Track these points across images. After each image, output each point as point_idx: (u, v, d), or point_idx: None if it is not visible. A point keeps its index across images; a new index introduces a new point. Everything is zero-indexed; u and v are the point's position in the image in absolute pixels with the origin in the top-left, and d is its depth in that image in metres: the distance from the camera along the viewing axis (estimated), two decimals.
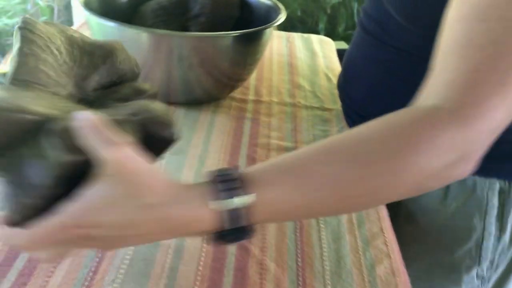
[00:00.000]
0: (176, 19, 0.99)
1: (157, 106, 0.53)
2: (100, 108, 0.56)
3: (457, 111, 0.44)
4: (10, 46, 2.25)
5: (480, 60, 0.45)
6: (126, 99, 0.58)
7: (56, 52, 0.58)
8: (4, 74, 0.63)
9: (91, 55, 0.60)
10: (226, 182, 0.43)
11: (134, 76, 0.63)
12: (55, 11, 2.61)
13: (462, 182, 0.74)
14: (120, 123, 0.49)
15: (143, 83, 0.61)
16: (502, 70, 0.44)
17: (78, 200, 0.41)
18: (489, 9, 0.45)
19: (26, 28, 0.58)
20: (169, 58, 0.84)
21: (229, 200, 0.42)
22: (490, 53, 0.44)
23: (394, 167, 0.44)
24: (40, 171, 0.45)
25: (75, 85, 0.58)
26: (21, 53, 0.57)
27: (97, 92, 0.59)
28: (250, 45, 0.88)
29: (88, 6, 0.87)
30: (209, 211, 0.42)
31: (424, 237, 0.81)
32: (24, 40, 0.58)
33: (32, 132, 0.49)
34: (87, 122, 0.43)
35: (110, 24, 0.82)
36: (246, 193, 0.42)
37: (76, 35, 0.62)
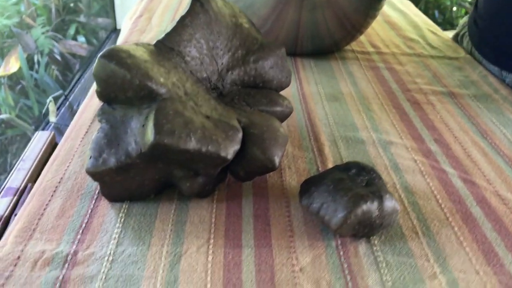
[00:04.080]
0: None
1: (276, 132, 0.48)
2: (226, 103, 0.51)
3: None
4: (8, 48, 2.15)
5: None
6: (256, 105, 0.52)
7: (215, 33, 0.53)
8: (4, 77, 0.59)
9: (247, 50, 0.54)
10: None
11: (280, 86, 0.57)
12: (53, 11, 2.50)
13: None
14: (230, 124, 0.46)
15: (283, 97, 0.55)
16: None
17: None
18: None
19: (199, 1, 0.52)
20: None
21: None
22: None
23: None
24: (134, 142, 0.44)
25: (217, 72, 0.52)
26: (182, 23, 0.51)
27: (234, 87, 0.54)
28: None
29: None
30: None
31: None
32: (191, 12, 0.52)
33: (147, 99, 0.45)
34: None
35: None
36: None
37: (246, 25, 0.56)
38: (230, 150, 0.45)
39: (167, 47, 0.50)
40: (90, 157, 0.45)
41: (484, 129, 0.66)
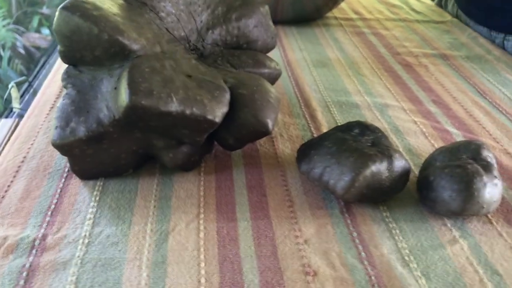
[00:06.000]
0: None
1: (268, 93, 0.42)
2: (209, 65, 0.45)
3: None
4: None
5: None
6: (242, 67, 0.47)
7: None
8: None
9: (228, 7, 0.49)
10: None
11: (265, 48, 0.51)
12: (13, 3, 2.37)
13: None
14: (215, 83, 0.41)
15: (270, 58, 0.50)
16: None
17: None
18: None
19: None
20: None
21: None
22: None
23: None
24: (106, 108, 0.38)
25: (196, 31, 0.47)
26: None
27: (215, 47, 0.48)
28: None
29: None
30: None
31: None
32: None
33: (118, 57, 0.39)
34: None
35: None
36: None
37: None
38: (217, 112, 0.39)
39: (138, 2, 0.44)
40: (56, 127, 0.39)
41: (482, 89, 0.63)
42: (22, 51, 2.23)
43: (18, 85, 1.02)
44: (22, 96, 1.07)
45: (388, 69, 0.67)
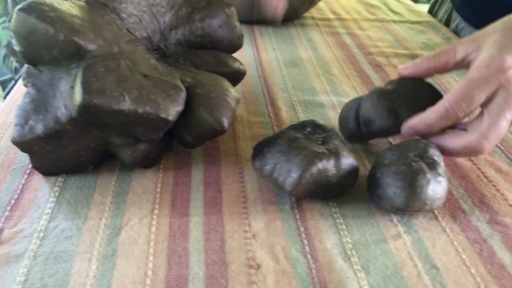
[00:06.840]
0: None
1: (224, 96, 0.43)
2: (170, 64, 0.46)
3: None
4: None
5: None
6: (204, 67, 0.48)
7: None
8: None
9: (192, 8, 0.50)
10: None
11: (231, 48, 0.52)
12: (9, 1, 2.37)
13: None
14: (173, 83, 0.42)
15: (234, 58, 0.51)
16: None
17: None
18: None
19: None
20: None
21: None
22: None
23: None
24: (64, 107, 0.39)
25: (159, 31, 0.48)
26: None
27: (179, 47, 0.49)
28: None
29: None
30: None
31: None
32: None
33: (75, 57, 0.40)
34: None
35: None
36: None
37: None
38: (171, 111, 0.40)
39: (99, 3, 0.45)
40: (16, 125, 0.40)
41: (448, 88, 0.64)
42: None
43: (3, 83, 1.03)
44: (8, 93, 1.08)
45: (357, 69, 0.68)
